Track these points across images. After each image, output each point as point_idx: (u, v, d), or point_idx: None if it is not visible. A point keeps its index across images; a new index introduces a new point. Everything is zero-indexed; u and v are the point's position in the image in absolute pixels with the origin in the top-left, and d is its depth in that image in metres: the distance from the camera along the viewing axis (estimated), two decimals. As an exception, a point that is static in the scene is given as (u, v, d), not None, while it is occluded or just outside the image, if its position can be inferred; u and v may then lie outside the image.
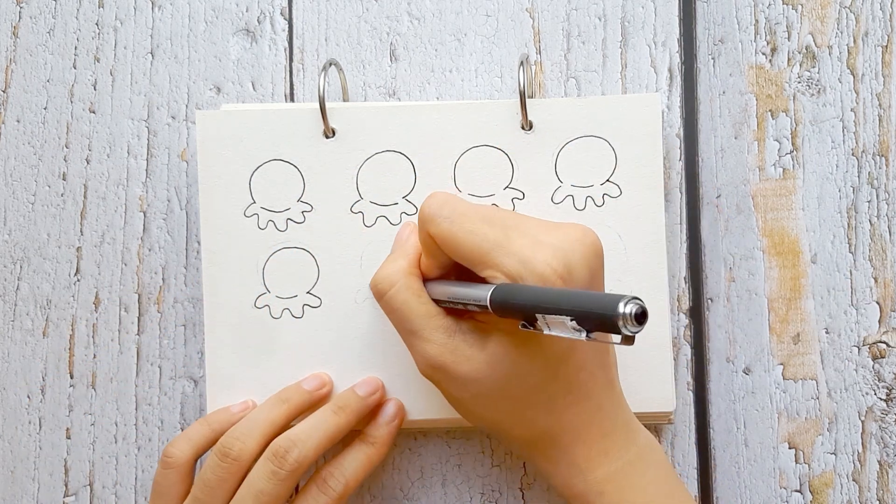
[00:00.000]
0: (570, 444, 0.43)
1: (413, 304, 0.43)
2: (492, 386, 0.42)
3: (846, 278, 0.51)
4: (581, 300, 0.36)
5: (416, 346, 0.43)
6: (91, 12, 0.53)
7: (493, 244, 0.41)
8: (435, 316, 0.43)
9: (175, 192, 0.52)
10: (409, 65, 0.52)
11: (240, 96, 0.53)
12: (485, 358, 0.42)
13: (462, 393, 0.43)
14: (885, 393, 0.51)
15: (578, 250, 0.41)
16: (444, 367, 0.42)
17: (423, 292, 0.44)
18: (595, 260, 0.42)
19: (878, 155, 0.51)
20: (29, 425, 0.52)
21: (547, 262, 0.40)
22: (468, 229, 0.42)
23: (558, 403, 0.42)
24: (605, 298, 0.35)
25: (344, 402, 0.47)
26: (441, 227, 0.42)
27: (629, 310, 0.34)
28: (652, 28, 0.52)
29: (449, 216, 0.42)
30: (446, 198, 0.43)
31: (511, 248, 0.41)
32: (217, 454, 0.46)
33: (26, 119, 0.53)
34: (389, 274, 0.44)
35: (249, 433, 0.46)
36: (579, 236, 0.41)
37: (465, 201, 0.44)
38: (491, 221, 0.42)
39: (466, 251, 0.42)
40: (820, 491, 0.51)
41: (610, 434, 0.43)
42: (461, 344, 0.42)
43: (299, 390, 0.48)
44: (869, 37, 0.51)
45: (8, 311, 0.52)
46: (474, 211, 0.43)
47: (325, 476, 0.46)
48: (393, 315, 0.44)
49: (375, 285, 0.44)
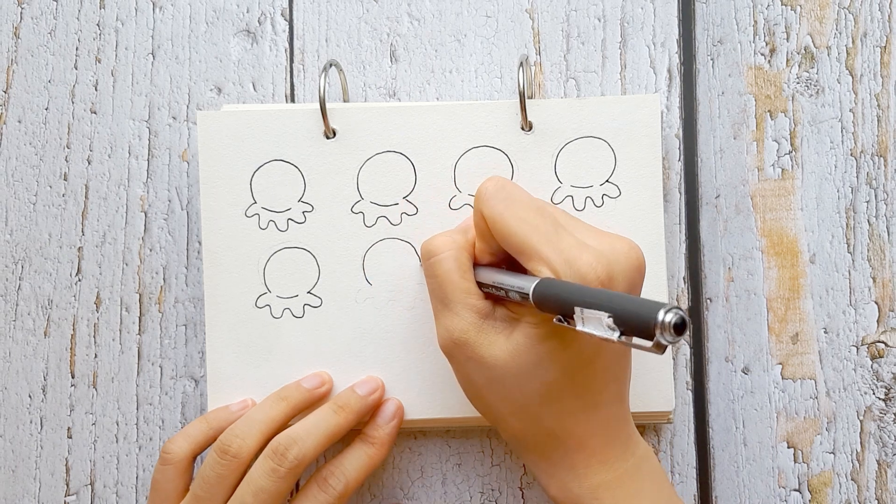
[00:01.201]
0: (572, 449, 0.43)
1: (455, 275, 0.43)
2: (508, 375, 0.42)
3: (845, 278, 0.51)
4: (622, 300, 0.36)
5: (445, 318, 0.43)
6: (92, 13, 0.53)
7: (543, 237, 0.41)
8: (472, 294, 0.43)
9: (176, 193, 0.52)
10: (410, 65, 0.52)
11: (240, 97, 0.53)
12: (508, 346, 0.42)
13: (477, 376, 0.43)
14: (884, 392, 0.51)
15: (623, 262, 0.41)
16: (467, 345, 0.42)
17: (470, 271, 0.44)
18: (636, 275, 0.42)
19: (877, 155, 0.51)
20: (30, 425, 0.52)
21: (590, 264, 0.40)
22: (521, 217, 0.42)
23: (567, 406, 0.42)
24: (648, 303, 0.35)
25: (344, 402, 0.47)
26: (494, 210, 0.43)
27: (669, 318, 0.34)
28: (651, 29, 0.52)
29: (504, 200, 0.43)
30: (504, 183, 0.44)
31: (559, 245, 0.41)
32: (216, 451, 0.46)
33: (28, 119, 0.53)
34: (443, 241, 0.44)
35: (249, 430, 0.46)
36: (626, 249, 0.42)
37: (522, 189, 0.44)
38: (543, 214, 0.42)
39: (515, 238, 0.42)
40: (819, 490, 0.51)
41: (611, 445, 0.43)
42: (488, 327, 0.43)
43: (299, 388, 0.48)
44: (867, 37, 0.51)
45: (9, 310, 0.52)
46: (529, 200, 0.43)
47: (326, 475, 0.47)
48: (432, 280, 0.44)
49: (426, 246, 0.45)
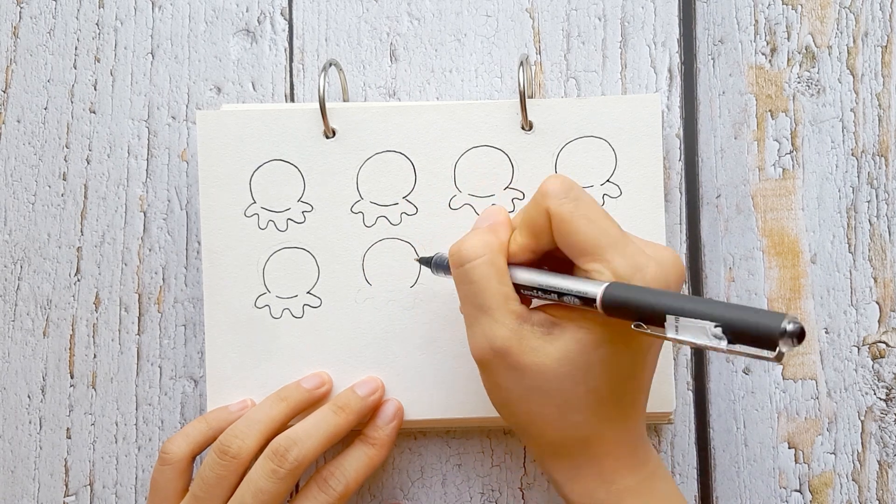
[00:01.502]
0: (601, 455, 0.43)
1: (493, 281, 0.42)
2: (551, 382, 0.41)
3: (846, 278, 0.51)
4: (734, 311, 0.36)
5: (483, 326, 0.42)
6: (91, 12, 0.53)
7: (613, 240, 0.41)
8: (512, 300, 0.42)
9: (175, 192, 0.52)
10: (409, 65, 0.52)
11: (240, 96, 0.53)
12: (554, 352, 0.41)
13: (515, 384, 0.42)
14: (885, 393, 0.51)
15: (673, 273, 0.42)
16: (508, 354, 0.41)
17: (507, 274, 0.42)
18: (681, 285, 0.43)
19: (878, 155, 0.51)
20: (29, 425, 0.52)
21: (656, 274, 0.40)
22: (591, 217, 0.41)
23: (606, 413, 0.42)
24: (762, 314, 0.36)
25: (344, 402, 0.47)
26: (564, 207, 0.41)
27: (791, 328, 0.35)
28: (652, 28, 0.52)
29: (575, 198, 0.41)
30: (571, 182, 0.42)
31: (627, 250, 0.40)
32: (216, 452, 0.46)
33: (27, 119, 0.53)
34: (476, 245, 0.42)
35: (248, 431, 0.46)
36: (674, 259, 0.42)
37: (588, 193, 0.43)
38: (611, 218, 0.42)
39: (583, 238, 0.41)
40: (819, 491, 0.51)
41: (637, 450, 0.43)
42: (529, 334, 0.41)
43: (299, 389, 0.48)
44: (868, 37, 0.51)
45: (8, 310, 0.52)
46: (596, 203, 0.42)
47: (326, 476, 0.46)
48: (467, 287, 0.42)
49: (458, 252, 0.43)
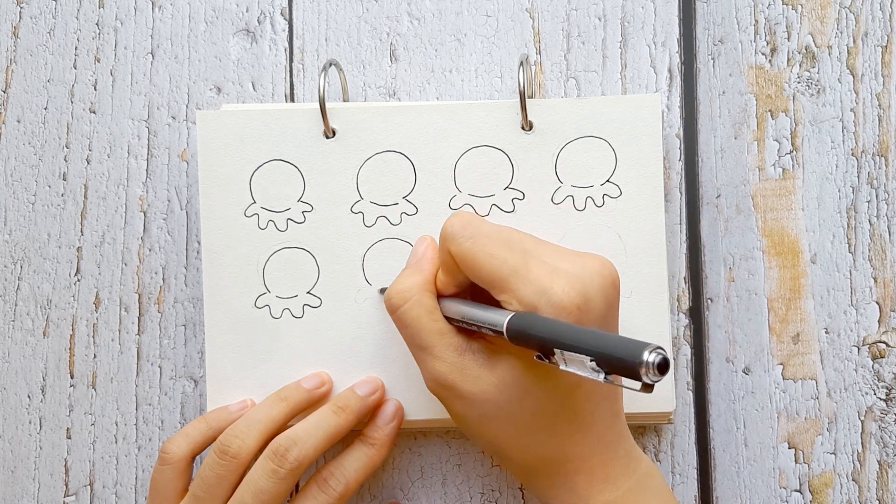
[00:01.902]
0: (572, 472, 0.43)
1: (425, 320, 0.43)
2: (498, 408, 0.42)
3: (846, 278, 0.51)
4: (603, 342, 0.36)
5: (426, 363, 0.43)
6: (91, 12, 0.53)
7: (512, 270, 0.41)
8: (446, 334, 0.43)
9: (175, 192, 0.52)
10: (409, 65, 0.52)
11: (240, 96, 0.53)
12: (493, 379, 0.42)
13: (468, 412, 0.43)
14: (885, 393, 0.51)
15: (597, 281, 0.41)
16: (453, 386, 0.42)
17: (437, 310, 0.44)
18: (612, 291, 0.42)
19: (878, 155, 0.51)
20: (29, 425, 0.52)
21: (564, 290, 0.40)
22: (489, 252, 0.42)
23: (562, 431, 0.42)
24: (629, 344, 0.35)
25: (344, 402, 0.47)
26: (462, 247, 0.42)
27: (652, 359, 0.34)
28: (652, 28, 0.52)
29: (471, 236, 0.42)
30: (469, 218, 0.43)
31: (529, 276, 0.41)
32: (216, 452, 0.46)
33: (27, 119, 0.53)
34: (403, 289, 0.44)
35: (248, 431, 0.46)
36: (598, 267, 0.41)
37: (488, 222, 0.44)
38: (511, 246, 0.42)
39: (485, 274, 0.42)
40: (820, 491, 0.51)
41: (611, 462, 0.43)
42: (470, 363, 0.42)
43: (299, 389, 0.48)
44: (869, 37, 0.51)
45: (8, 310, 0.52)
46: (496, 233, 0.43)
47: (326, 476, 0.47)
48: (404, 330, 0.44)
49: (389, 299, 0.44)
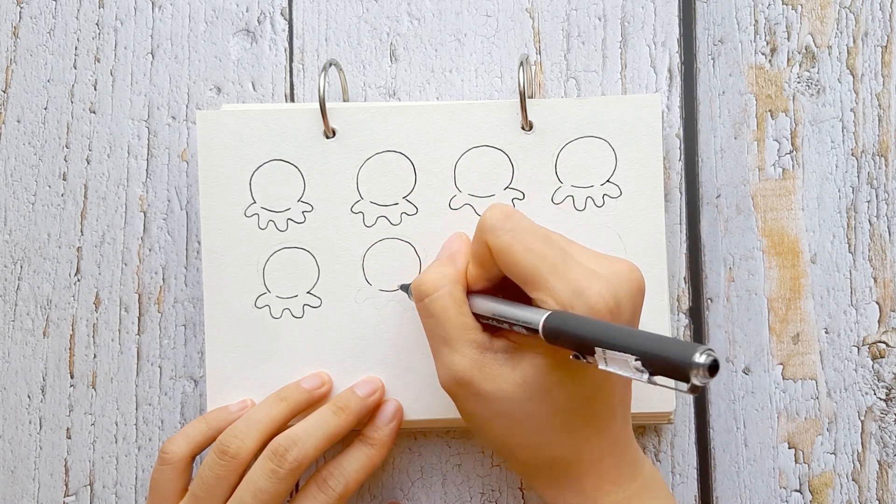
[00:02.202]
0: (582, 474, 0.43)
1: (452, 312, 0.43)
2: (516, 407, 0.42)
3: (846, 278, 0.51)
4: (651, 342, 0.36)
5: (445, 356, 0.43)
6: (91, 12, 0.53)
7: (551, 267, 0.41)
8: (472, 329, 0.43)
9: (175, 192, 0.52)
10: (409, 65, 0.52)
11: (240, 96, 0.53)
12: (515, 378, 0.42)
13: (483, 410, 0.43)
14: (885, 393, 0.51)
15: (626, 286, 0.41)
16: (471, 383, 0.42)
17: (465, 304, 0.43)
18: (639, 297, 0.42)
19: (878, 155, 0.51)
20: (29, 425, 0.52)
21: (600, 293, 0.40)
22: (528, 247, 0.41)
23: (577, 433, 0.42)
24: (679, 345, 0.35)
25: (344, 403, 0.47)
26: (501, 240, 0.42)
27: (703, 360, 0.34)
28: (652, 28, 0.52)
29: (511, 230, 0.42)
30: (510, 211, 0.43)
31: (567, 275, 0.40)
32: (215, 452, 0.46)
33: (27, 119, 0.53)
34: (435, 278, 0.43)
35: (248, 431, 0.46)
36: (627, 272, 0.42)
37: (526, 218, 0.43)
38: (550, 243, 0.42)
39: (522, 269, 0.41)
40: (820, 491, 0.51)
41: (619, 466, 0.43)
42: (491, 361, 0.42)
43: (298, 389, 0.48)
44: (868, 37, 0.51)
45: (8, 310, 0.52)
46: (535, 229, 0.43)
47: (326, 476, 0.47)
48: (429, 320, 0.44)
49: (418, 286, 0.44)
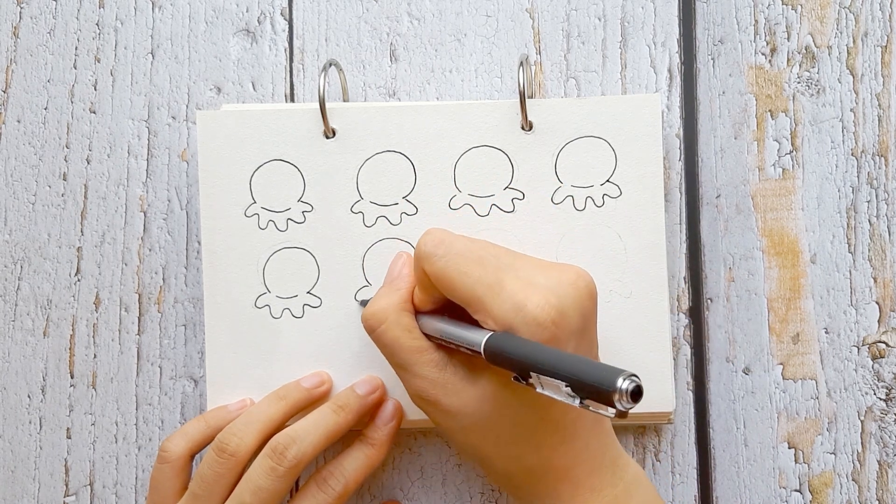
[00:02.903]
0: (556, 482, 0.43)
1: (404, 340, 0.43)
2: (479, 421, 0.42)
3: (846, 278, 0.51)
4: (578, 367, 0.36)
5: (407, 380, 0.44)
6: (91, 13, 0.53)
7: (486, 288, 0.41)
8: (426, 351, 0.43)
9: (175, 192, 0.52)
10: (409, 65, 0.52)
11: (240, 96, 0.53)
12: (474, 393, 0.42)
13: (451, 424, 0.43)
14: (885, 393, 0.51)
15: (572, 294, 0.41)
16: (435, 401, 0.42)
17: (415, 328, 0.44)
18: (588, 303, 0.41)
19: (878, 155, 0.51)
20: (29, 425, 0.52)
21: (539, 305, 0.39)
22: (462, 270, 0.42)
23: (545, 443, 0.42)
24: (603, 371, 0.35)
25: (343, 401, 0.47)
26: (435, 266, 0.42)
27: (626, 386, 0.34)
28: (652, 28, 0.52)
29: (444, 255, 0.42)
30: (442, 236, 0.43)
31: (503, 293, 0.40)
32: (214, 450, 0.46)
33: (27, 119, 0.53)
34: (380, 310, 0.44)
35: (247, 429, 0.46)
36: (573, 279, 0.41)
37: (462, 239, 0.43)
38: (483, 263, 0.42)
39: (459, 292, 0.42)
40: (819, 491, 0.51)
41: (597, 471, 0.43)
42: (451, 377, 0.42)
43: (298, 388, 0.48)
44: (868, 37, 0.51)
45: (8, 310, 0.52)
46: (469, 251, 0.42)
47: (325, 476, 0.47)
48: (384, 350, 0.44)
49: (366, 320, 0.44)
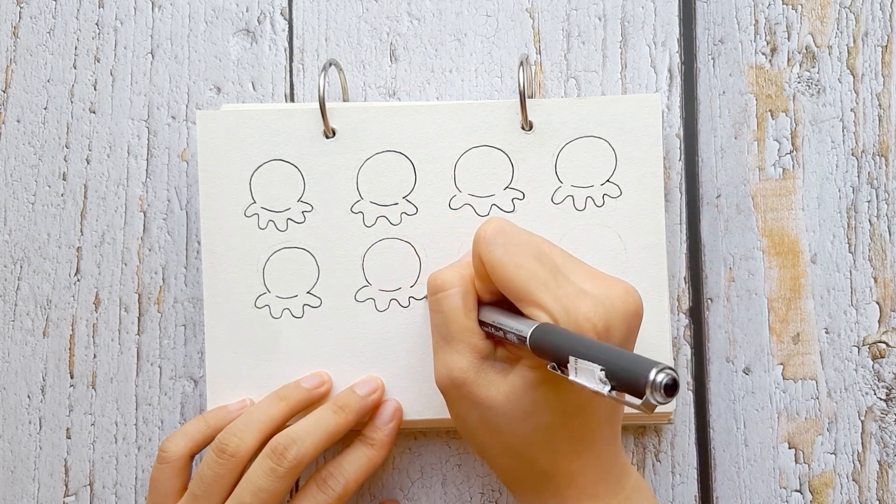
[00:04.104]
0: (564, 487, 0.43)
1: (460, 313, 0.43)
2: (503, 417, 0.42)
3: (846, 278, 0.51)
4: (617, 355, 0.36)
5: (445, 355, 0.43)
6: (91, 12, 0.53)
7: (540, 284, 0.41)
8: (475, 334, 0.43)
9: (175, 192, 0.52)
10: (409, 65, 0.52)
11: (240, 96, 0.53)
12: (504, 388, 0.42)
13: (470, 413, 0.43)
14: (885, 393, 0.51)
15: (620, 308, 0.41)
16: (464, 385, 0.42)
17: (475, 309, 0.44)
18: (633, 321, 0.42)
19: (878, 155, 0.51)
20: (29, 425, 0.52)
21: (587, 316, 0.40)
22: (518, 263, 0.42)
23: (561, 449, 0.42)
24: (641, 361, 0.35)
25: (343, 402, 0.47)
26: (493, 255, 0.42)
27: (660, 379, 0.34)
28: (652, 28, 0.52)
29: (503, 244, 0.42)
30: (503, 225, 0.43)
31: (557, 293, 0.41)
32: (214, 450, 0.46)
33: (26, 119, 0.53)
34: (451, 277, 0.44)
35: (247, 429, 0.46)
36: (622, 294, 0.41)
37: (522, 231, 0.44)
38: (542, 259, 0.42)
39: (513, 284, 0.42)
40: (820, 491, 0.51)
41: (602, 480, 0.43)
42: (488, 368, 0.43)
43: (298, 388, 0.48)
44: (869, 37, 0.51)
45: (8, 310, 0.52)
46: (528, 244, 0.43)
47: (325, 476, 0.47)
48: (437, 316, 0.44)
49: (433, 281, 0.44)
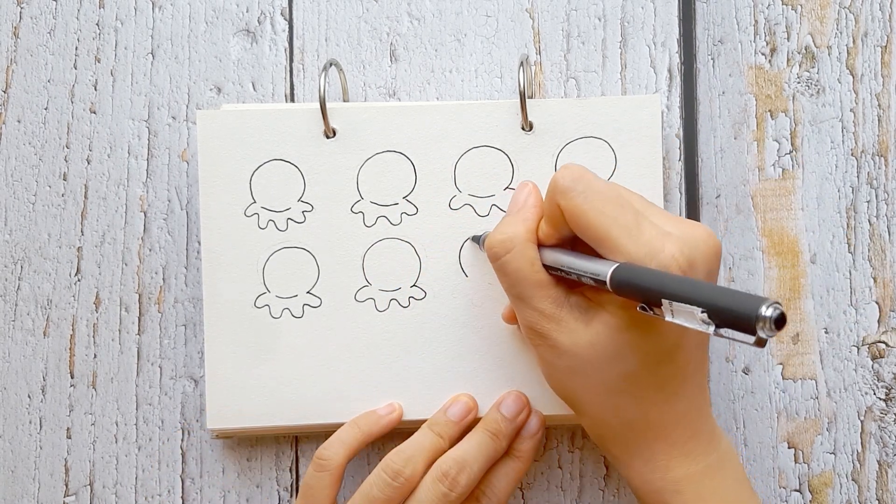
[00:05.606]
0: (653, 440, 0.42)
1: (526, 271, 0.43)
2: (588, 364, 0.41)
3: (845, 278, 0.51)
4: (718, 294, 0.35)
5: (523, 312, 0.43)
6: (92, 13, 0.53)
7: (623, 230, 0.40)
8: (546, 286, 0.43)
9: (175, 192, 0.52)
10: (409, 65, 0.52)
11: (240, 96, 0.53)
12: (587, 335, 0.41)
13: (556, 362, 0.43)
14: (885, 393, 0.51)
15: (703, 248, 0.41)
16: (547, 335, 0.42)
17: (538, 260, 0.43)
18: (715, 262, 0.41)
19: (878, 155, 0.51)
20: (29, 425, 0.52)
21: (673, 255, 0.39)
22: (599, 209, 0.41)
23: (648, 398, 0.42)
24: (746, 298, 0.35)
25: (496, 428, 0.47)
26: (573, 202, 0.41)
27: (770, 313, 0.34)
28: (651, 28, 0.52)
29: (584, 191, 0.42)
30: (581, 172, 0.42)
31: (640, 237, 0.40)
32: (387, 473, 0.45)
33: (27, 119, 0.53)
34: (506, 238, 0.44)
35: (419, 457, 0.46)
36: (704, 235, 0.41)
37: (599, 178, 0.43)
38: (622, 204, 0.41)
39: (595, 231, 0.41)
40: (819, 491, 0.51)
41: (695, 436, 0.42)
42: (567, 316, 0.42)
43: (448, 423, 0.47)
44: (868, 37, 0.51)
45: (9, 310, 0.52)
46: (608, 190, 0.42)
47: (478, 495, 0.46)
48: (505, 279, 0.44)
49: (491, 248, 0.44)
